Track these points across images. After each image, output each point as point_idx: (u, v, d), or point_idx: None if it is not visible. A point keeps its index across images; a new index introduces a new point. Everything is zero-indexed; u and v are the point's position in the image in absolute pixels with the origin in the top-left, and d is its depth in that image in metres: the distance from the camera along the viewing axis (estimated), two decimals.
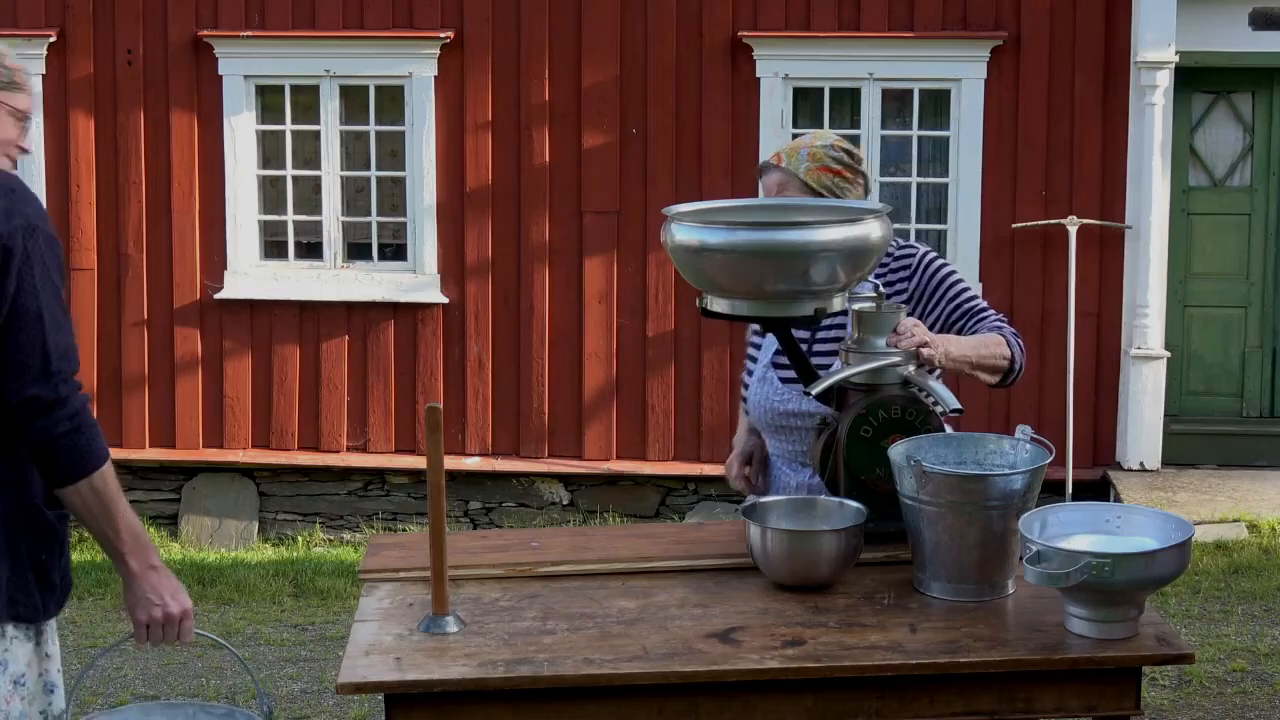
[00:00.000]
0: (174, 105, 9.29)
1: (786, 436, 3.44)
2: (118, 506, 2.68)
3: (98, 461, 2.64)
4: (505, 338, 9.26)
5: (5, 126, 2.76)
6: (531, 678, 2.50)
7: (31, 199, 2.68)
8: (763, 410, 3.46)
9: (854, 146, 3.46)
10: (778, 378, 3.44)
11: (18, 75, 2.77)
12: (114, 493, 2.67)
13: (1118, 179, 8.93)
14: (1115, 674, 2.57)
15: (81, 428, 2.62)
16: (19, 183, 2.70)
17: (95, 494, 2.66)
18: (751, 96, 9.06)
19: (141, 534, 2.75)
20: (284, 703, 5.74)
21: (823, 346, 3.43)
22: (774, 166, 3.43)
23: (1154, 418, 8.89)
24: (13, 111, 2.76)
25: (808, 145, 3.42)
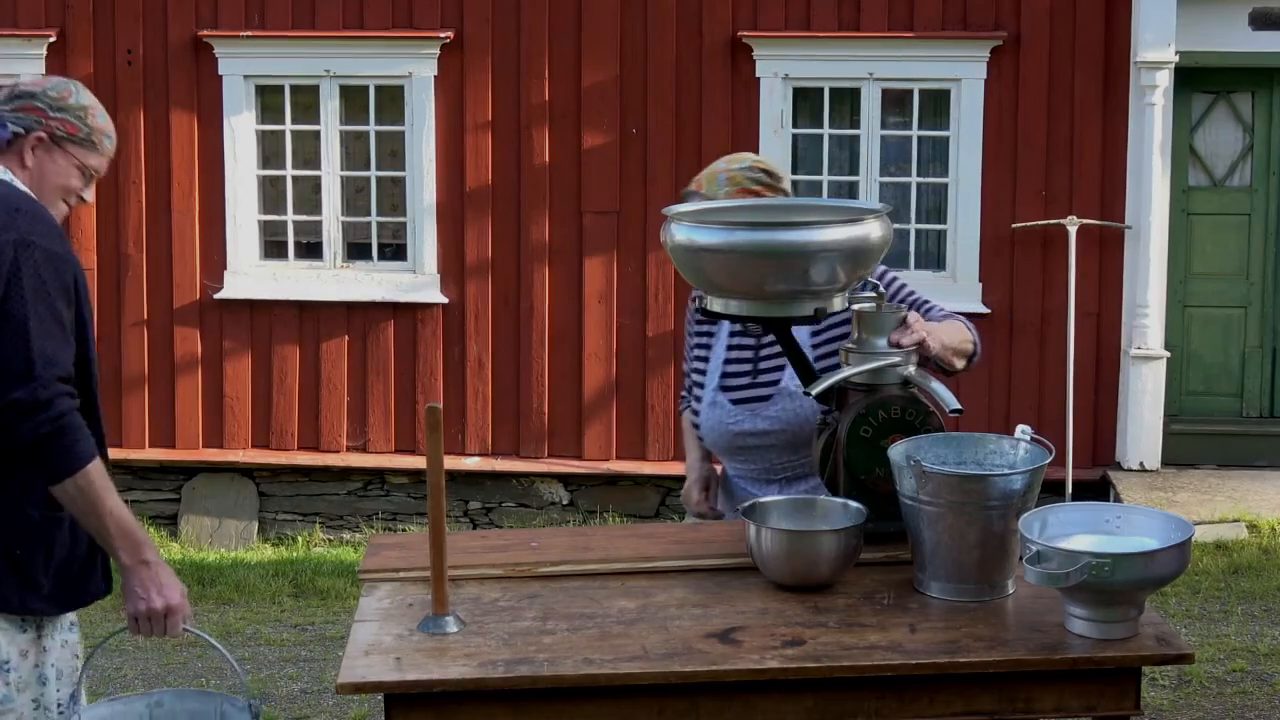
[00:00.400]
0: (174, 105, 9.29)
1: (746, 456, 3.47)
2: (104, 504, 2.77)
3: (80, 463, 2.74)
4: (505, 338, 9.27)
5: (70, 175, 2.91)
6: (531, 678, 2.50)
7: (40, 218, 2.80)
8: (717, 435, 3.48)
9: (772, 164, 3.44)
10: (728, 400, 3.45)
11: (96, 135, 2.93)
12: (99, 491, 2.76)
13: (1118, 179, 8.93)
14: (1115, 674, 2.57)
15: (64, 430, 2.72)
16: (29, 203, 2.82)
17: (80, 493, 2.76)
18: (751, 96, 9.06)
19: (132, 530, 2.82)
20: (284, 703, 5.74)
21: (768, 364, 3.44)
22: (695, 194, 3.42)
23: (1154, 418, 8.90)
24: (81, 166, 2.92)
25: (725, 170, 3.41)
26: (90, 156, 2.92)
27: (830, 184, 9.20)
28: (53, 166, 2.90)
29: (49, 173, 2.89)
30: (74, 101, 2.92)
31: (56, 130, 2.89)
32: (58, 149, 2.89)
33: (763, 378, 3.43)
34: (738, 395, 3.44)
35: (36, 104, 2.89)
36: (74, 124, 2.90)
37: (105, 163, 2.97)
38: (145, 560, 2.83)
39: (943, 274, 9.13)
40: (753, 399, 3.43)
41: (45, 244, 2.76)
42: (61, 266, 2.78)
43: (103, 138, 2.94)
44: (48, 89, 2.91)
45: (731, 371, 3.48)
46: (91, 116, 2.93)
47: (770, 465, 3.44)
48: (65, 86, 2.94)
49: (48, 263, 2.75)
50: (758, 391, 3.43)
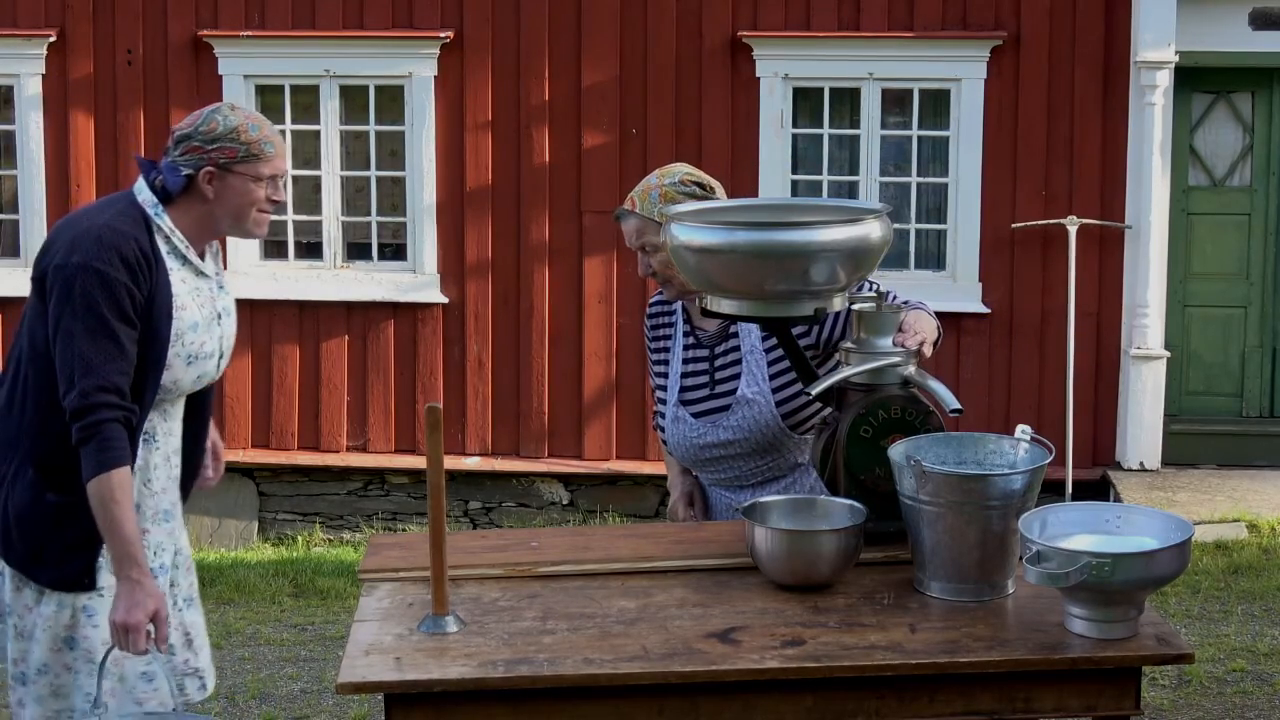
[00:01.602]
0: (174, 105, 9.28)
1: (715, 466, 3.49)
2: (112, 514, 3.00)
3: (98, 470, 2.99)
4: (505, 338, 9.27)
5: (249, 191, 3.16)
6: (531, 678, 2.50)
7: (102, 246, 3.05)
8: (685, 450, 3.50)
9: (704, 176, 3.42)
10: (689, 415, 3.46)
11: (254, 148, 3.15)
12: (109, 502, 2.99)
13: (1117, 179, 8.93)
14: (1115, 674, 2.57)
15: (94, 437, 2.99)
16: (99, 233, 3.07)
17: (96, 498, 3.01)
18: (751, 96, 9.06)
19: (127, 544, 3.01)
20: (284, 703, 5.74)
21: (724, 374, 3.44)
22: (629, 212, 3.40)
23: (1154, 418, 8.89)
24: (255, 178, 3.16)
25: (657, 185, 3.38)
26: (259, 166, 3.15)
27: (830, 184, 9.20)
28: (230, 191, 3.15)
29: (229, 196, 3.16)
30: (222, 128, 3.13)
31: (219, 160, 3.13)
32: (229, 174, 3.14)
33: (720, 388, 3.43)
34: (698, 408, 3.46)
35: (194, 143, 3.15)
36: (230, 148, 3.13)
37: (278, 163, 3.18)
38: (128, 576, 3.02)
39: (943, 274, 9.13)
40: (713, 410, 3.44)
41: (101, 267, 3.03)
42: (115, 287, 3.02)
43: (262, 146, 3.15)
44: (198, 125, 3.16)
45: (689, 385, 3.49)
46: (244, 133, 3.14)
47: (740, 472, 3.46)
48: (212, 117, 3.16)
49: (101, 285, 3.02)
50: (717, 402, 3.43)
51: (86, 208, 3.24)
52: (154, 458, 3.22)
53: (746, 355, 3.40)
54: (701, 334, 3.50)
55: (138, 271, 3.06)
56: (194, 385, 3.26)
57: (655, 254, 3.37)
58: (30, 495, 3.10)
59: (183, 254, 3.20)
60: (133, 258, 3.06)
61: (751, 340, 3.41)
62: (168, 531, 3.29)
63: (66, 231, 3.13)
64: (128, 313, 3.04)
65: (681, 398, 3.49)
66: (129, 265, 3.05)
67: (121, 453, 3.00)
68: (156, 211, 3.17)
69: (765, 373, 3.38)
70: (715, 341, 3.47)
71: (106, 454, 2.98)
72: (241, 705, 5.71)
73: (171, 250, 3.18)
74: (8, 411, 3.17)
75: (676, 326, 3.56)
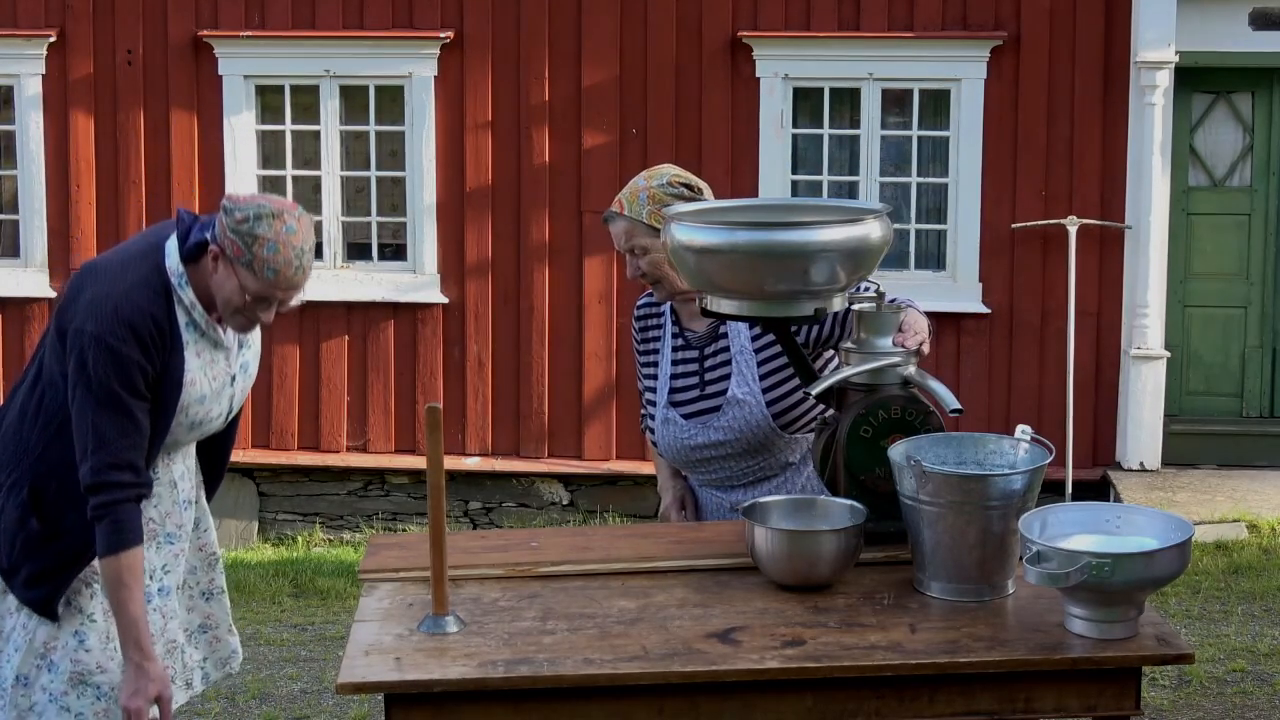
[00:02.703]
0: (174, 105, 9.29)
1: (706, 467, 3.49)
2: (119, 596, 3.06)
3: (109, 551, 3.04)
4: (505, 338, 9.27)
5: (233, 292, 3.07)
6: (531, 678, 2.50)
7: (115, 313, 3.04)
8: (675, 451, 3.50)
9: (691, 177, 3.41)
10: (679, 416, 3.46)
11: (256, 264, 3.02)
12: (118, 584, 3.05)
13: (1117, 179, 8.93)
14: (1115, 674, 2.57)
15: (105, 518, 3.04)
16: (115, 298, 3.05)
17: (106, 578, 3.07)
18: (751, 96, 9.06)
19: (135, 629, 3.08)
20: (284, 703, 5.74)
21: (714, 375, 3.44)
22: (617, 215, 3.39)
23: (1154, 418, 8.89)
24: (241, 287, 3.06)
25: (645, 187, 3.37)
26: (249, 280, 3.05)
27: (830, 184, 9.20)
28: (220, 279, 3.08)
29: (216, 284, 3.09)
30: (247, 227, 3.03)
31: (226, 249, 3.05)
32: (226, 264, 3.06)
33: (710, 389, 3.43)
34: (688, 410, 3.45)
35: (224, 218, 3.06)
36: (240, 247, 3.04)
37: (270, 290, 3.07)
38: (132, 658, 3.08)
39: (943, 274, 9.13)
40: (703, 411, 3.43)
41: (114, 344, 3.02)
42: (127, 365, 3.03)
43: (264, 268, 3.04)
44: (238, 208, 3.06)
45: (679, 386, 3.48)
46: (260, 246, 3.03)
47: (731, 473, 3.46)
48: (255, 209, 3.05)
49: (114, 361, 3.02)
50: (707, 403, 3.43)
51: (114, 257, 3.20)
52: (154, 487, 3.24)
53: (736, 356, 3.40)
54: (691, 335, 3.50)
55: (150, 348, 3.07)
56: (194, 438, 3.31)
57: (644, 256, 3.36)
58: (18, 514, 3.15)
59: (201, 327, 3.18)
60: (147, 334, 3.06)
61: (741, 341, 3.40)
62: (173, 553, 3.33)
63: (90, 287, 3.11)
64: (139, 388, 3.06)
65: (671, 399, 3.48)
66: (142, 341, 3.06)
67: (134, 534, 3.06)
68: (180, 283, 3.13)
69: (755, 373, 3.38)
70: (705, 342, 3.47)
71: (119, 536, 3.04)
72: (241, 705, 5.71)
73: (190, 322, 3.16)
74: (20, 421, 3.20)
75: (665, 328, 3.56)
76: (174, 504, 3.31)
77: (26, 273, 9.47)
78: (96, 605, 3.19)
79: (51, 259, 9.43)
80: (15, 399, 3.25)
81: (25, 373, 3.27)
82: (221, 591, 3.55)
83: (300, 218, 3.08)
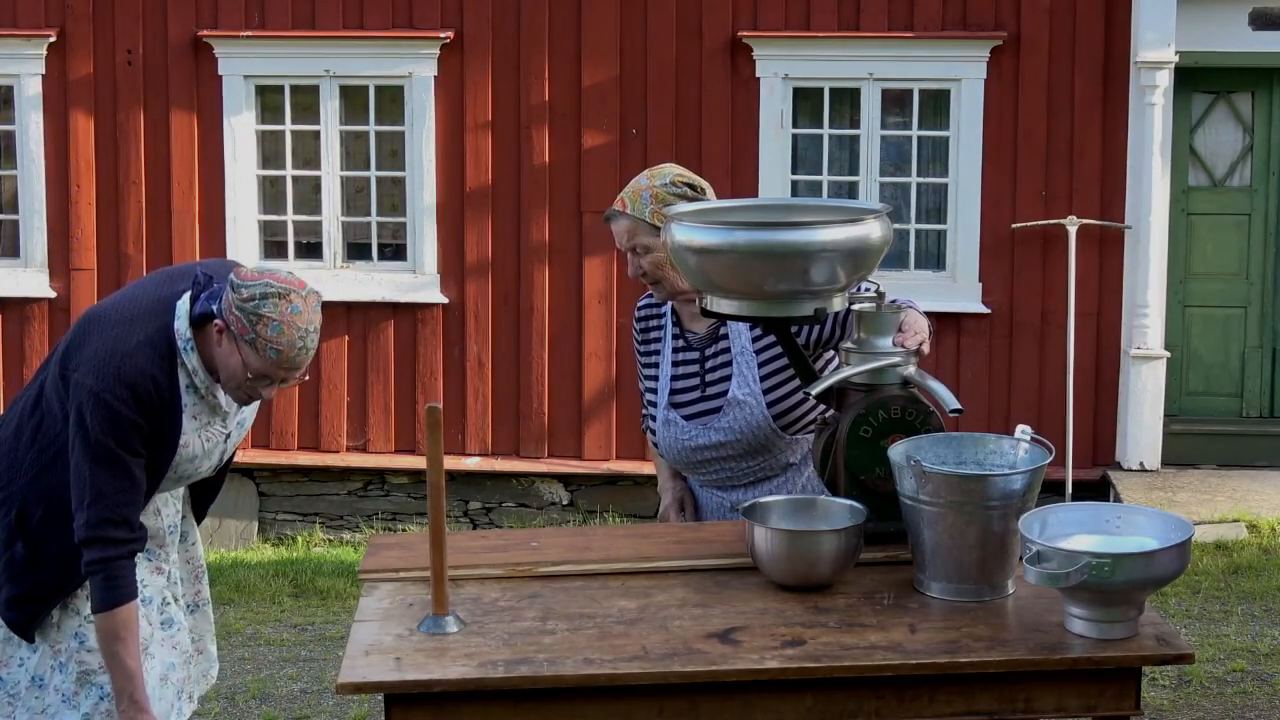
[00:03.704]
0: (174, 105, 9.29)
1: (707, 468, 3.49)
2: (114, 650, 3.10)
3: (103, 606, 3.08)
4: (505, 338, 9.27)
5: (235, 367, 3.09)
6: (531, 678, 2.50)
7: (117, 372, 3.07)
8: (675, 452, 3.50)
9: (694, 177, 3.42)
10: (680, 417, 3.46)
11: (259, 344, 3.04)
12: (113, 639, 3.09)
13: (1117, 179, 8.93)
14: (1115, 674, 2.57)
15: (99, 573, 3.07)
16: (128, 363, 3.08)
17: (101, 632, 3.11)
18: (751, 96, 9.06)
19: (130, 683, 3.10)
20: (284, 703, 5.74)
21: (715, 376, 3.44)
22: (620, 213, 3.39)
23: (1154, 418, 8.89)
24: (244, 364, 3.08)
25: (648, 186, 3.37)
26: (252, 358, 3.07)
27: (830, 184, 9.20)
28: (224, 354, 3.10)
29: (220, 357, 3.11)
30: (253, 305, 3.04)
31: (231, 324, 3.07)
32: (231, 340, 3.08)
33: (710, 390, 3.43)
34: (689, 410, 3.45)
35: (230, 294, 3.07)
36: (245, 325, 3.05)
37: (271, 369, 3.08)
38: (126, 713, 3.12)
39: (943, 274, 9.13)
40: (704, 412, 3.43)
41: (114, 404, 3.05)
42: (125, 425, 3.05)
43: (267, 348, 3.05)
44: (245, 285, 3.06)
45: (680, 388, 3.48)
46: (265, 325, 3.03)
47: (731, 473, 3.46)
48: (263, 288, 3.05)
49: (113, 420, 3.05)
50: (708, 404, 3.43)
51: (123, 307, 3.20)
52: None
53: (737, 357, 3.40)
54: (691, 336, 3.50)
55: (148, 408, 3.09)
56: (180, 485, 3.35)
57: (646, 255, 3.36)
58: (4, 535, 3.21)
59: (200, 391, 3.20)
60: (146, 395, 3.09)
61: (742, 342, 3.40)
62: (154, 568, 3.34)
63: (95, 337, 3.13)
64: (136, 446, 3.09)
65: (672, 400, 3.48)
66: (141, 402, 3.08)
67: (129, 590, 3.09)
68: (186, 348, 3.15)
69: (756, 374, 3.37)
70: (705, 343, 3.47)
71: (114, 592, 3.07)
72: (241, 705, 5.71)
73: (190, 386, 3.18)
74: (15, 440, 3.22)
75: (666, 329, 3.56)
76: (159, 528, 3.34)
77: (26, 273, 9.47)
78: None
79: (51, 259, 9.43)
80: (13, 415, 3.26)
81: (26, 391, 3.28)
82: (206, 603, 3.56)
83: (307, 297, 3.08)
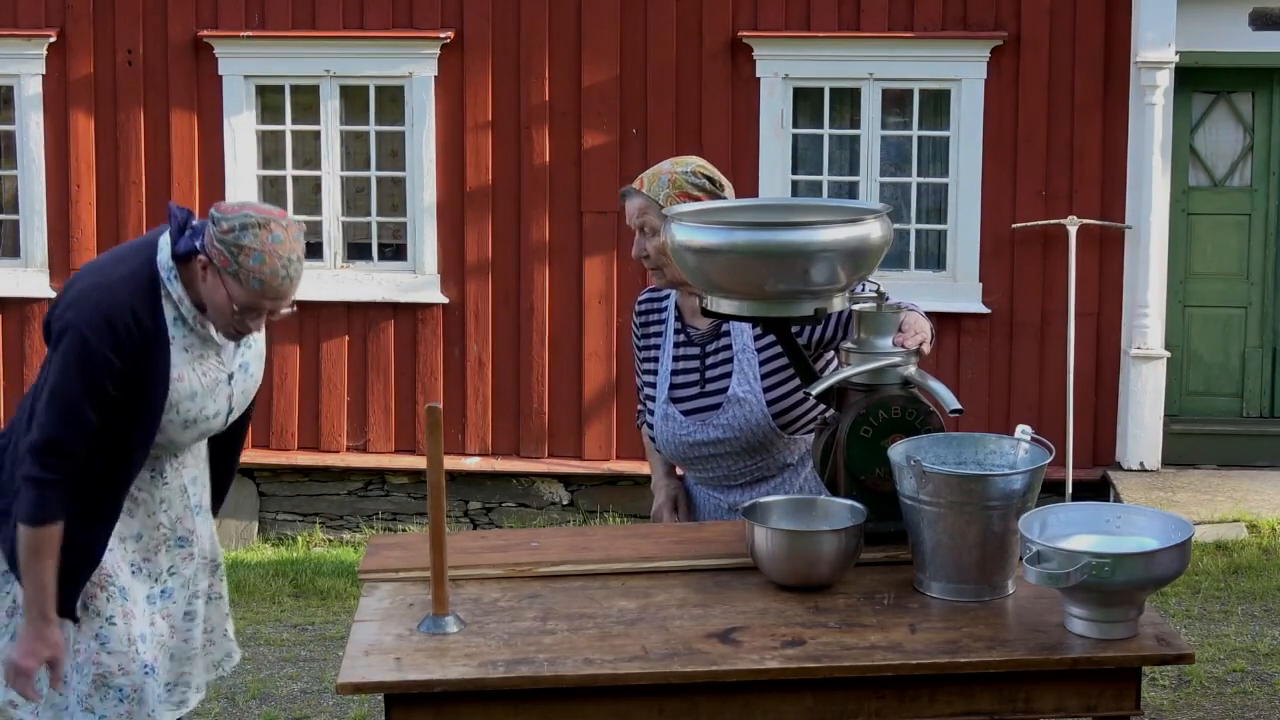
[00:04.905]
0: (174, 105, 9.29)
1: (704, 465, 3.48)
2: (33, 564, 3.09)
3: (29, 521, 3.08)
4: (505, 338, 9.27)
5: (221, 301, 3.08)
6: (531, 678, 2.50)
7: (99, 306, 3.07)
8: (673, 447, 3.50)
9: (714, 170, 3.44)
10: (679, 412, 3.46)
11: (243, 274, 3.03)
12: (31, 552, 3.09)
13: (1118, 179, 8.93)
14: (1115, 674, 2.57)
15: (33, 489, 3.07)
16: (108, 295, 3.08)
17: (23, 543, 3.10)
18: (751, 96, 9.06)
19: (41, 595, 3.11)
20: (284, 703, 5.74)
21: (715, 372, 3.44)
22: (636, 192, 3.41)
23: (1154, 418, 8.89)
24: (230, 296, 3.07)
25: (668, 172, 3.40)
26: (237, 290, 3.06)
27: (830, 184, 9.20)
28: (209, 289, 3.10)
29: (206, 292, 3.11)
30: (233, 237, 3.04)
31: (214, 257, 3.06)
32: (215, 274, 3.07)
33: (710, 386, 3.43)
34: (688, 406, 3.45)
35: (211, 228, 3.07)
36: (227, 257, 3.05)
37: (258, 300, 3.07)
38: (33, 621, 3.13)
39: (943, 274, 9.13)
40: (703, 408, 3.43)
41: (87, 334, 3.05)
42: (94, 357, 3.05)
43: (250, 278, 3.04)
44: (225, 218, 3.06)
45: (680, 383, 3.48)
46: (246, 256, 3.03)
47: (729, 472, 3.45)
48: (242, 219, 3.05)
49: (83, 351, 3.05)
50: (707, 401, 3.43)
51: (109, 254, 3.25)
52: (162, 492, 3.30)
53: (738, 354, 3.40)
54: (693, 332, 3.50)
55: (125, 344, 3.07)
56: (198, 440, 3.32)
57: (654, 237, 3.38)
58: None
59: (189, 323, 3.17)
60: (123, 328, 3.07)
61: (744, 339, 3.41)
62: (184, 555, 3.38)
63: (81, 281, 3.16)
64: (102, 382, 3.07)
65: (671, 395, 3.48)
66: (117, 337, 3.06)
67: (55, 511, 3.08)
68: (169, 277, 3.14)
69: (757, 372, 3.38)
70: (707, 340, 3.47)
71: (42, 509, 3.07)
72: (241, 705, 5.71)
73: (177, 317, 3.16)
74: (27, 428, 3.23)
75: (667, 324, 3.56)
76: (185, 509, 3.35)
77: (26, 273, 9.47)
78: (115, 608, 3.22)
79: (51, 259, 9.43)
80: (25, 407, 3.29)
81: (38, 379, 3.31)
82: (220, 596, 3.59)
83: (288, 226, 3.07)
